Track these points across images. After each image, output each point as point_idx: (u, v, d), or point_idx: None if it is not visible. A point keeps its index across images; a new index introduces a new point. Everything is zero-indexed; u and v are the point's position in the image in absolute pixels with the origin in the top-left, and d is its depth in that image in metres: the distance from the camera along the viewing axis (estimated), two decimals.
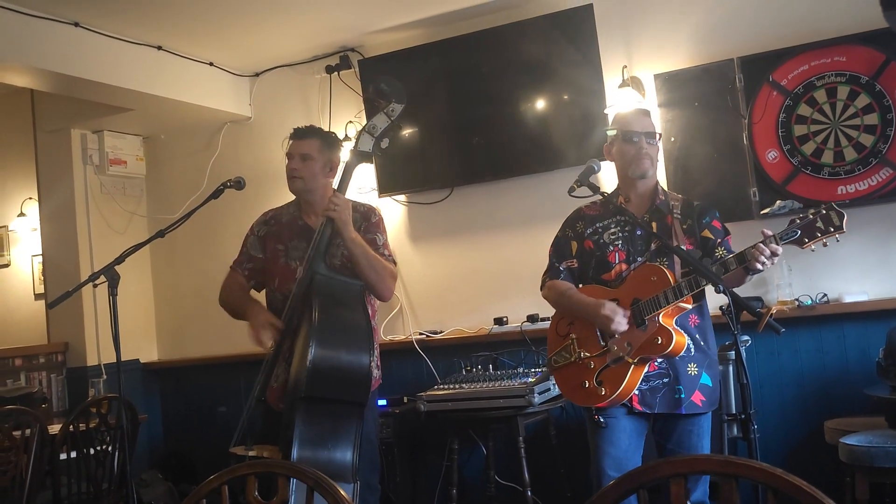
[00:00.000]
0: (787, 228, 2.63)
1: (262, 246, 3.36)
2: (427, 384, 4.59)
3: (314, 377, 2.87)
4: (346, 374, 2.96)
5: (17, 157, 6.01)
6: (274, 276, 3.30)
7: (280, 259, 3.30)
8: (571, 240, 3.06)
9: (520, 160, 4.78)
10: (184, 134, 5.78)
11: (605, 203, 3.02)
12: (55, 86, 4.70)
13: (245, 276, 3.36)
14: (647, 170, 2.95)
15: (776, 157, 4.24)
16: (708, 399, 2.90)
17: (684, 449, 2.87)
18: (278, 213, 3.41)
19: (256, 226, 3.42)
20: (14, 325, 6.11)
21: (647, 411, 2.86)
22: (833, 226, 2.58)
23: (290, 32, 4.95)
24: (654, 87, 4.49)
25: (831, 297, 4.13)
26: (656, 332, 2.75)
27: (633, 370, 2.79)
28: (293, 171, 3.26)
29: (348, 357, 2.97)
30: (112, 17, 4.48)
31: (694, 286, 2.70)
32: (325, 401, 2.92)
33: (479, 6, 4.75)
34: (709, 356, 2.93)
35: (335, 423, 2.95)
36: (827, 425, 3.87)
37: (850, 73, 4.11)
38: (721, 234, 2.95)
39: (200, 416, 5.68)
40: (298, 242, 3.27)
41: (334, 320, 2.99)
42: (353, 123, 5.16)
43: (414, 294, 5.11)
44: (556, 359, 3.00)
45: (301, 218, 3.33)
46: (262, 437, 3.08)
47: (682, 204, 3.00)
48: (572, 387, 2.94)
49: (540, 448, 4.37)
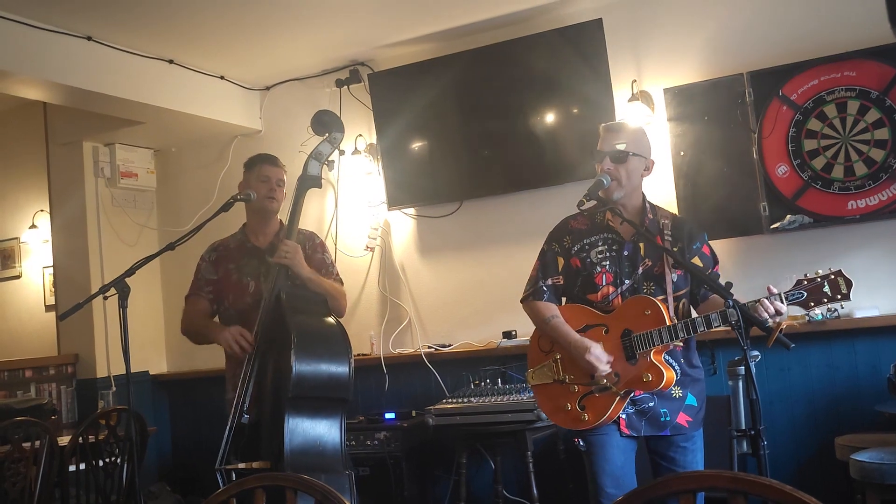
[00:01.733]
0: (793, 289, 2.63)
1: (214, 269, 3.55)
2: (435, 398, 4.58)
3: (299, 382, 3.04)
4: (328, 377, 3.15)
5: (29, 169, 6.06)
6: (228, 293, 3.49)
7: (233, 276, 3.50)
8: (558, 255, 3.00)
9: (529, 174, 4.78)
10: (194, 147, 5.81)
11: (592, 217, 2.97)
12: (68, 99, 4.74)
13: (209, 299, 3.54)
14: (613, 192, 2.85)
15: (786, 171, 4.24)
16: (694, 419, 2.87)
17: (678, 464, 2.86)
18: (225, 241, 3.64)
19: (206, 254, 3.63)
20: (25, 336, 6.14)
21: (634, 434, 2.85)
22: (840, 293, 2.57)
23: (300, 46, 4.98)
24: (664, 102, 4.50)
25: (842, 313, 4.11)
26: (647, 368, 2.73)
27: (619, 401, 2.78)
28: (272, 193, 3.51)
29: (328, 360, 3.17)
30: (125, 31, 4.52)
31: (690, 331, 2.68)
32: (309, 398, 3.09)
33: (488, 20, 4.77)
34: (694, 378, 2.89)
35: (321, 417, 3.13)
36: (837, 441, 3.84)
37: (860, 87, 4.11)
38: (710, 261, 2.90)
39: (209, 428, 5.66)
40: (249, 260, 3.50)
41: (311, 329, 3.20)
42: (363, 137, 5.18)
43: (422, 307, 5.11)
44: (536, 374, 2.97)
45: (248, 241, 3.55)
46: (243, 453, 3.14)
47: (672, 224, 2.93)
48: (554, 408, 2.91)
49: (548, 463, 4.36)
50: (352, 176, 5.26)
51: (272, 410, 3.11)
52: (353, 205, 5.28)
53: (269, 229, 3.55)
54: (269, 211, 3.53)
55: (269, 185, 3.50)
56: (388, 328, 5.14)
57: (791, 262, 4.22)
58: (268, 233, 3.54)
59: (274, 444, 3.03)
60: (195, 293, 3.57)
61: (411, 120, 5.00)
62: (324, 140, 3.52)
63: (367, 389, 5.09)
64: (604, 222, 2.94)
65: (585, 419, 2.80)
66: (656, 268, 2.84)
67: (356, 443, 4.52)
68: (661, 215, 2.96)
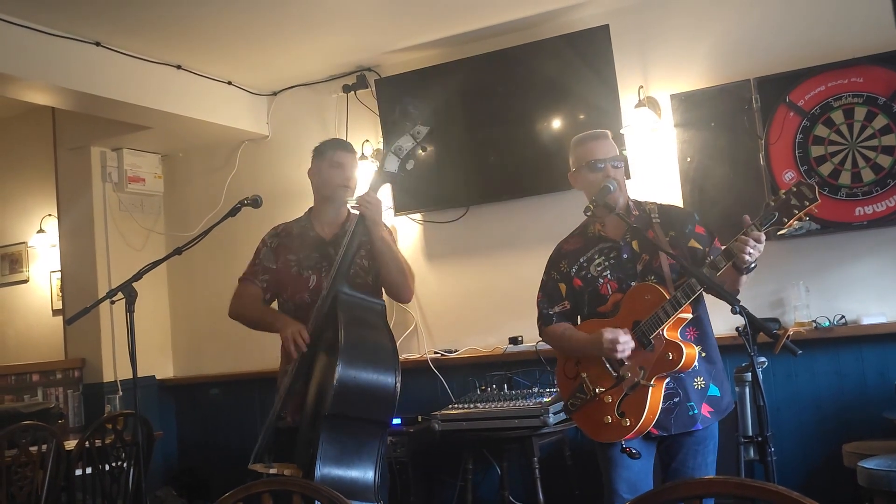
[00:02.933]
0: (763, 212, 2.58)
1: (275, 257, 3.37)
2: (441, 403, 4.58)
3: (340, 396, 2.84)
4: (371, 395, 2.94)
5: (37, 174, 6.09)
6: (286, 286, 3.31)
7: (292, 269, 3.31)
8: (559, 282, 2.99)
9: (535, 179, 4.78)
10: (202, 152, 5.83)
11: (583, 233, 2.99)
12: (76, 104, 4.77)
13: (262, 287, 3.35)
14: (619, 197, 2.89)
15: (793, 177, 4.23)
16: (716, 409, 2.84)
17: (688, 468, 2.83)
18: (289, 227, 3.43)
19: (268, 238, 3.43)
20: (32, 340, 6.16)
21: (664, 434, 2.83)
22: (807, 199, 2.53)
23: (307, 52, 4.99)
24: (671, 108, 4.50)
25: (849, 319, 4.10)
26: (665, 348, 2.71)
27: (653, 392, 2.74)
28: (347, 181, 3.31)
29: (375, 378, 2.95)
30: (133, 36, 4.54)
31: (690, 293, 2.65)
32: (349, 419, 2.90)
33: (495, 26, 4.78)
34: (715, 366, 2.88)
35: (358, 441, 2.92)
36: (845, 448, 3.83)
37: (867, 94, 4.11)
38: (707, 240, 2.89)
39: (215, 432, 5.69)
40: (310, 252, 3.29)
41: (361, 340, 2.98)
42: (370, 142, 5.19)
43: (429, 313, 5.12)
44: (572, 402, 2.91)
45: (312, 229, 3.34)
46: (278, 454, 3.08)
47: (660, 211, 2.94)
48: (595, 425, 2.85)
49: (555, 469, 4.35)
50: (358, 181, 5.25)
51: (311, 420, 2.96)
52: None
53: (336, 219, 3.33)
54: (340, 200, 3.33)
55: (343, 172, 3.30)
56: (395, 333, 5.07)
57: (798, 269, 4.23)
58: (334, 223, 3.33)
59: (307, 454, 2.90)
60: (250, 278, 3.36)
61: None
62: (406, 133, 3.19)
63: None
64: (596, 234, 2.95)
65: (628, 424, 2.75)
66: (654, 261, 2.84)
67: None
68: (647, 206, 2.97)
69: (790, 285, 4.23)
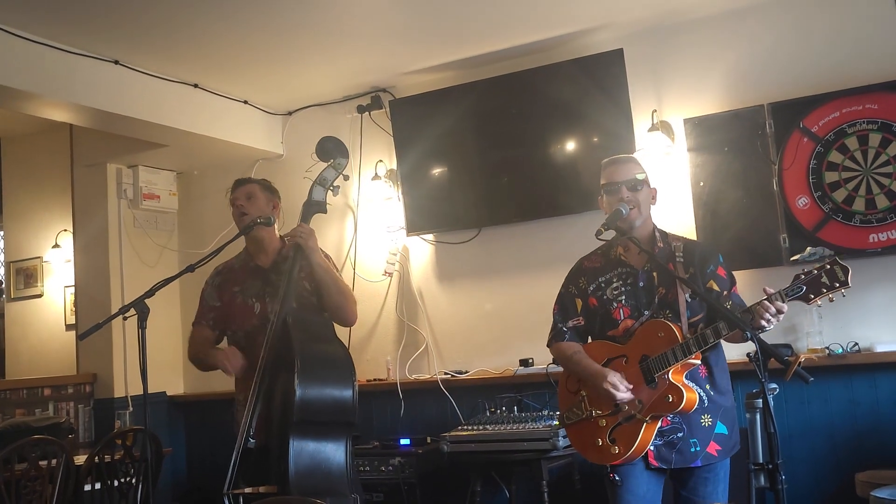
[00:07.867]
0: (791, 285, 2.60)
1: (218, 295, 3.54)
2: (451, 424, 4.57)
3: (303, 410, 3.03)
4: (333, 403, 3.14)
5: (54, 189, 6.15)
6: (234, 318, 3.47)
7: (237, 300, 3.48)
8: (576, 297, 3.02)
9: (548, 202, 4.79)
10: (216, 170, 5.86)
11: (605, 254, 3.00)
12: (94, 121, 4.82)
13: (210, 326, 3.52)
14: (635, 219, 2.89)
15: (807, 203, 4.22)
16: (724, 447, 2.84)
17: (699, 496, 2.83)
18: (229, 263, 3.62)
19: (211, 278, 3.61)
20: (45, 354, 6.19)
21: (664, 467, 2.82)
22: (838, 281, 2.55)
23: (322, 73, 5.03)
24: (684, 132, 4.50)
25: (863, 346, 4.07)
26: (667, 390, 2.72)
27: (646, 427, 2.76)
28: (241, 209, 3.50)
29: (333, 390, 3.14)
30: (151, 55, 4.59)
31: (702, 343, 2.67)
32: (315, 423, 3.08)
33: (509, 49, 4.80)
34: (722, 405, 2.86)
35: (326, 441, 3.11)
36: (858, 478, 3.79)
37: (881, 120, 4.09)
38: (727, 283, 2.87)
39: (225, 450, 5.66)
40: (253, 282, 3.48)
41: (316, 354, 3.17)
42: (384, 162, 5.22)
43: (439, 333, 5.11)
44: (567, 415, 2.97)
45: (252, 261, 3.53)
46: (252, 477, 3.14)
47: (685, 248, 2.93)
48: (585, 444, 2.91)
49: (563, 492, 4.31)
50: (371, 201, 5.29)
51: (279, 434, 3.10)
52: (373, 230, 5.31)
53: (270, 248, 3.51)
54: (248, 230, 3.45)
55: (236, 208, 3.52)
56: (405, 353, 5.14)
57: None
58: (269, 251, 3.50)
59: (280, 468, 3.03)
60: (199, 321, 3.56)
61: (431, 146, 5.03)
62: (328, 166, 3.50)
63: (382, 415, 5.08)
64: (616, 257, 2.96)
65: (616, 452, 2.78)
66: (670, 294, 2.83)
67: (370, 468, 4.51)
68: (673, 240, 2.96)
69: (803, 311, 4.19)
